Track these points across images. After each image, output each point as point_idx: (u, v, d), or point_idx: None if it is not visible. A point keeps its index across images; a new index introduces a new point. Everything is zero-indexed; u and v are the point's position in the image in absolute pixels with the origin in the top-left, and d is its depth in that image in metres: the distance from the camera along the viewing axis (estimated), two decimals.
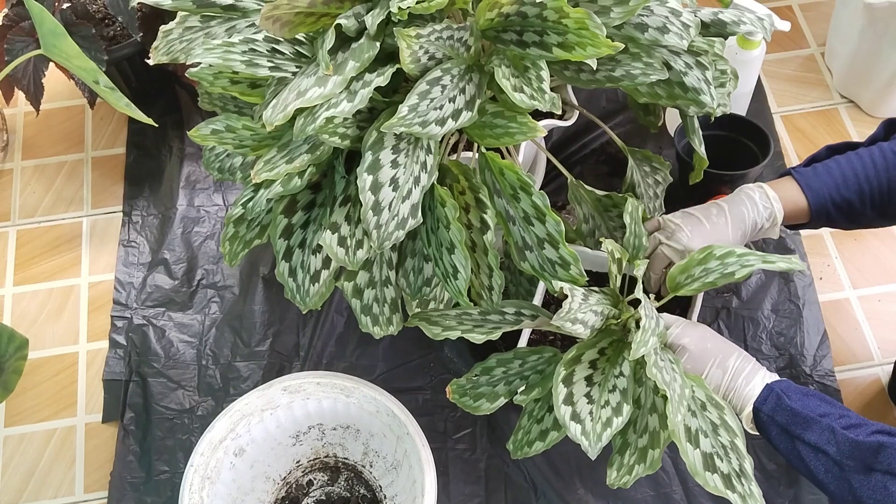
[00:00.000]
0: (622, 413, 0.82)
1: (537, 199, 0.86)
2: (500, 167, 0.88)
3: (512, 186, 0.88)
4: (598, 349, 0.88)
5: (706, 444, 0.82)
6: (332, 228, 0.88)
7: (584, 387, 0.84)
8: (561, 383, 0.83)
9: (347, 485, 1.11)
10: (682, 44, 0.88)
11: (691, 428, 0.82)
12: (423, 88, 0.80)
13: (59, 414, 1.20)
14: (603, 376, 0.86)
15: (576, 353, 0.86)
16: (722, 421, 0.83)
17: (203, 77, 0.88)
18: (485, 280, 0.90)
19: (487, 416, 1.16)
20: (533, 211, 0.87)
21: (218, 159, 1.04)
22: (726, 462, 0.81)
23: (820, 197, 0.97)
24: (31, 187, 1.41)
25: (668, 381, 0.80)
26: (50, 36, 0.92)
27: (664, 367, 0.82)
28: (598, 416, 0.82)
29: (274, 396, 1.04)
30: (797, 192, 0.98)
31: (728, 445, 0.82)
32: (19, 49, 1.19)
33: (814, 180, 0.98)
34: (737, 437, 0.82)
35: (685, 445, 0.81)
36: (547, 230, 0.87)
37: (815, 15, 1.54)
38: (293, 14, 0.80)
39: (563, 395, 0.82)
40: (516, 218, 0.89)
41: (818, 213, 0.97)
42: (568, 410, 0.82)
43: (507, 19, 0.83)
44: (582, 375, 0.85)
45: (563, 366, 0.84)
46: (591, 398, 0.84)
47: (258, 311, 1.26)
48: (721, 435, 0.82)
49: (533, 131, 0.84)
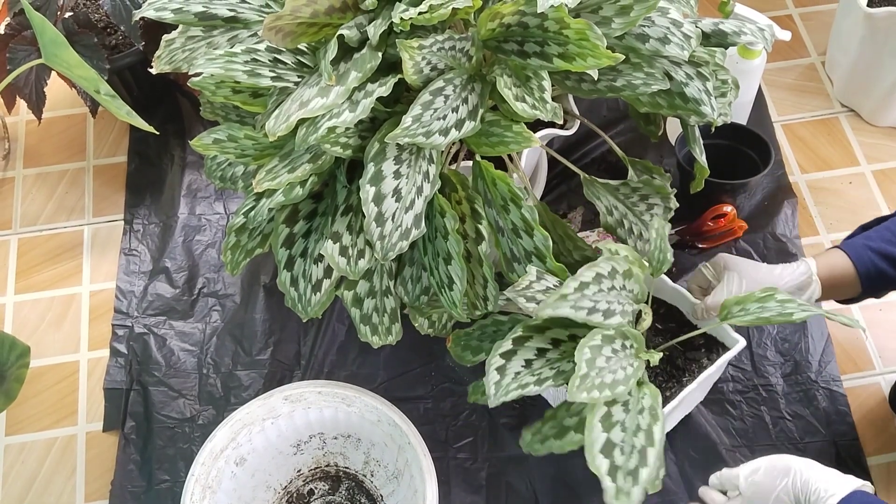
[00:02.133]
0: (545, 383, 0.83)
1: (526, 212, 0.87)
2: (493, 177, 0.88)
3: (503, 197, 0.88)
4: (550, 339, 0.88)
5: (617, 436, 0.79)
6: (333, 238, 0.88)
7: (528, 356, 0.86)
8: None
9: (348, 494, 1.11)
10: (683, 54, 0.88)
11: (613, 416, 0.80)
12: (426, 99, 0.81)
13: (60, 423, 1.20)
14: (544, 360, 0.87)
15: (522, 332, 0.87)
16: (648, 429, 0.81)
17: (205, 86, 0.88)
18: (479, 290, 0.90)
19: (488, 424, 1.16)
20: (521, 224, 0.87)
21: (220, 168, 1.04)
22: (625, 458, 0.79)
23: (861, 254, 0.96)
24: (32, 196, 1.41)
25: (609, 382, 0.80)
26: (51, 45, 0.93)
27: (614, 364, 0.82)
28: (522, 381, 0.83)
29: (275, 405, 1.04)
30: (841, 255, 0.98)
31: (638, 448, 0.79)
32: (21, 58, 1.20)
33: (854, 240, 0.99)
34: (651, 448, 0.80)
35: (595, 424, 0.79)
36: (534, 244, 0.87)
37: (815, 24, 1.55)
38: (295, 24, 0.81)
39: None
40: (505, 229, 0.90)
41: (866, 272, 0.96)
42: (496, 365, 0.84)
43: (508, 30, 0.83)
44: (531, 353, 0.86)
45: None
46: (530, 366, 0.85)
47: (259, 320, 1.25)
48: (638, 437, 0.80)
49: (527, 141, 0.84)
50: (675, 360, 1.02)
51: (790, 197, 1.33)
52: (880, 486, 1.11)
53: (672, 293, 1.03)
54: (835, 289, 0.99)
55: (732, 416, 1.15)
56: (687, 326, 1.03)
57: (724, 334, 1.00)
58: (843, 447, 1.13)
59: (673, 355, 1.02)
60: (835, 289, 0.99)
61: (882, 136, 1.41)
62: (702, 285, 1.03)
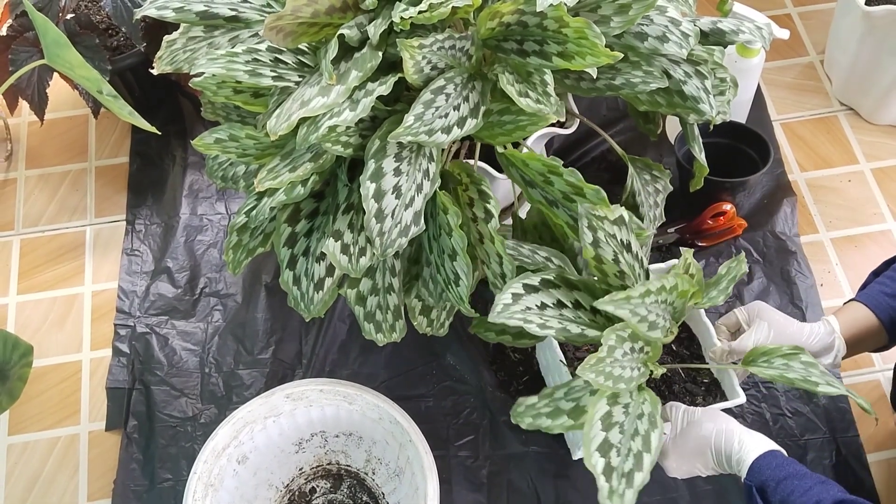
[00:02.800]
0: (546, 331, 0.83)
1: (569, 177, 0.87)
2: (523, 159, 0.88)
3: (541, 173, 0.89)
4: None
5: (615, 437, 0.80)
6: (335, 236, 0.88)
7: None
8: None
9: (350, 492, 1.12)
10: (681, 53, 0.88)
11: (613, 417, 0.81)
12: (427, 98, 0.81)
13: (63, 422, 1.21)
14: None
15: None
16: (646, 435, 0.81)
17: (206, 87, 0.89)
18: (496, 268, 0.90)
19: (489, 422, 1.16)
20: (569, 188, 0.88)
21: (221, 168, 1.05)
22: (621, 459, 0.79)
23: (881, 302, 0.96)
24: (34, 196, 1.41)
25: (616, 375, 0.80)
26: (54, 46, 0.93)
27: (625, 363, 0.82)
28: (528, 316, 0.83)
29: (277, 404, 1.04)
30: (861, 307, 0.98)
31: (634, 452, 0.80)
32: (23, 59, 1.20)
33: (871, 290, 0.98)
34: (647, 454, 0.80)
35: (595, 421, 0.79)
36: (590, 202, 0.87)
37: (814, 23, 1.55)
38: (296, 24, 0.81)
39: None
40: (556, 201, 0.90)
41: (890, 320, 0.96)
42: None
43: (507, 29, 0.84)
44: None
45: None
46: (543, 309, 0.85)
47: (261, 319, 1.26)
48: (635, 441, 0.81)
49: (543, 119, 0.84)
50: (672, 385, 1.02)
51: (789, 195, 1.34)
52: (880, 483, 1.12)
53: (700, 324, 1.04)
54: (861, 343, 0.99)
55: (733, 414, 1.15)
56: (698, 359, 1.04)
57: (729, 384, 1.00)
58: (844, 444, 1.13)
59: (673, 380, 1.02)
60: (861, 343, 0.99)
61: (881, 135, 1.42)
62: (730, 328, 1.03)
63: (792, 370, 0.89)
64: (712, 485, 1.11)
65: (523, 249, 0.94)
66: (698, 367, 0.99)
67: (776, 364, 0.90)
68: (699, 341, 1.05)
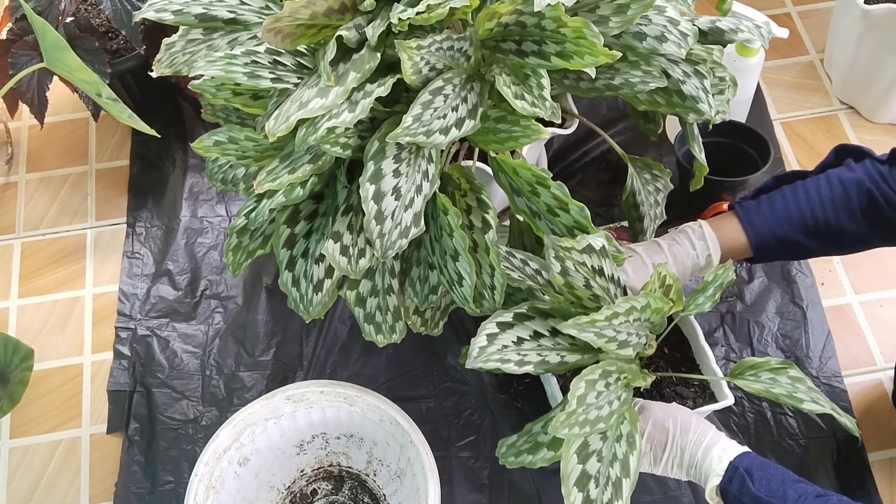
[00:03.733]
0: (525, 367, 0.83)
1: (556, 190, 0.87)
2: (513, 167, 0.88)
3: (528, 183, 0.89)
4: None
5: (593, 467, 0.80)
6: (334, 238, 0.88)
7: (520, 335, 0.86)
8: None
9: (351, 494, 1.12)
10: (680, 52, 0.88)
11: (590, 446, 0.81)
12: (425, 98, 0.81)
13: (64, 425, 1.21)
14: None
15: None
16: (625, 459, 0.81)
17: (206, 89, 0.89)
18: (486, 280, 0.90)
19: (490, 423, 1.16)
20: (554, 202, 0.88)
21: (221, 170, 1.05)
22: (599, 490, 0.79)
23: (761, 233, 0.98)
24: (35, 200, 1.41)
25: (593, 419, 0.80)
26: (53, 49, 0.93)
27: (602, 401, 0.82)
28: (505, 356, 0.84)
29: (278, 405, 1.04)
30: (738, 228, 0.99)
31: (613, 480, 0.80)
32: (23, 63, 1.20)
33: (756, 216, 0.99)
34: (626, 479, 0.80)
35: (571, 456, 0.79)
36: (573, 218, 0.88)
37: (813, 22, 1.55)
38: (295, 26, 0.81)
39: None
40: (541, 212, 0.90)
41: (760, 248, 0.98)
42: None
43: (506, 29, 0.84)
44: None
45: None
46: (520, 344, 0.85)
47: (261, 321, 1.26)
48: (614, 468, 0.81)
49: (537, 133, 0.84)
50: (663, 388, 1.02)
51: None
52: (882, 482, 1.11)
53: (689, 327, 1.04)
54: (727, 256, 1.01)
55: (734, 413, 1.15)
56: (689, 362, 1.04)
57: (718, 387, 1.01)
58: (845, 443, 1.13)
59: (663, 383, 1.02)
60: (727, 256, 1.01)
61: (881, 133, 1.42)
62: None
63: (778, 385, 0.90)
64: None
65: (514, 259, 0.94)
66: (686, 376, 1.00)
67: (763, 378, 0.91)
68: (689, 343, 1.05)
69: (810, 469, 1.11)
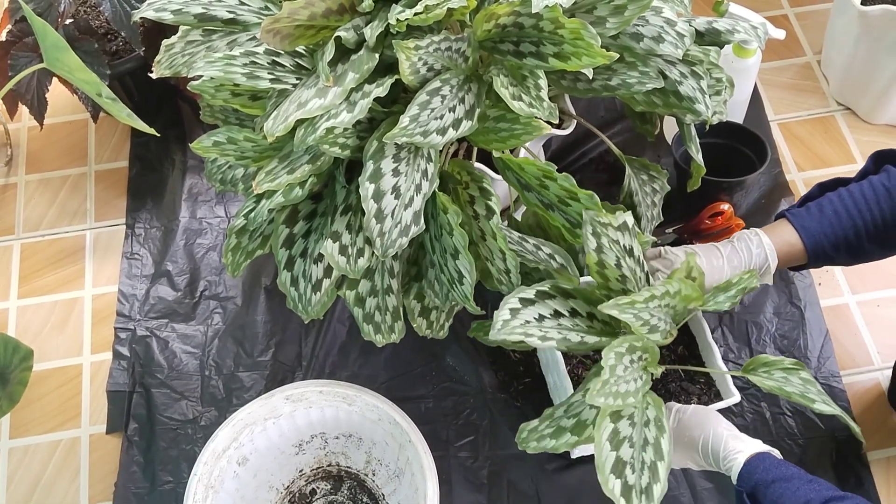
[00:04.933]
0: (546, 342, 0.84)
1: (563, 181, 0.88)
2: (519, 164, 0.89)
3: (536, 178, 0.89)
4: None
5: (626, 453, 0.80)
6: (333, 237, 0.89)
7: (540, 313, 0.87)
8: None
9: (350, 493, 1.12)
10: (677, 53, 0.89)
11: (621, 433, 0.80)
12: (423, 99, 0.82)
13: (64, 425, 1.21)
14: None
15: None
16: (656, 442, 0.81)
17: (205, 90, 0.89)
18: (500, 265, 0.90)
19: (490, 423, 1.16)
20: (564, 193, 0.89)
21: (220, 171, 1.05)
22: (636, 476, 0.79)
23: (815, 236, 0.98)
24: (34, 201, 1.42)
25: (623, 392, 0.80)
26: (53, 50, 0.94)
27: (628, 378, 0.82)
28: (528, 330, 0.84)
29: (277, 405, 1.05)
30: (793, 234, 0.99)
31: (648, 464, 0.80)
32: (23, 64, 1.21)
33: (808, 220, 0.99)
34: (661, 462, 0.80)
35: (604, 444, 0.79)
36: (584, 206, 0.88)
37: (810, 23, 1.56)
38: (293, 27, 0.81)
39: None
40: (552, 204, 0.90)
41: (815, 252, 0.99)
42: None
43: (504, 30, 0.84)
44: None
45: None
46: (541, 321, 0.86)
47: (260, 322, 1.26)
48: (647, 452, 0.80)
49: (538, 129, 0.85)
50: (669, 382, 1.02)
51: (787, 195, 1.34)
52: (880, 481, 1.12)
53: (697, 324, 1.04)
54: (783, 263, 1.02)
55: (733, 413, 1.15)
56: (695, 358, 1.04)
57: (724, 383, 1.01)
58: (843, 442, 1.13)
59: (669, 379, 1.02)
60: (783, 263, 1.02)
61: (878, 134, 1.42)
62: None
63: (790, 384, 0.90)
64: (713, 482, 1.11)
65: (527, 244, 0.94)
66: (695, 369, 1.00)
67: (776, 376, 0.91)
68: (696, 340, 1.05)
69: (809, 468, 1.09)
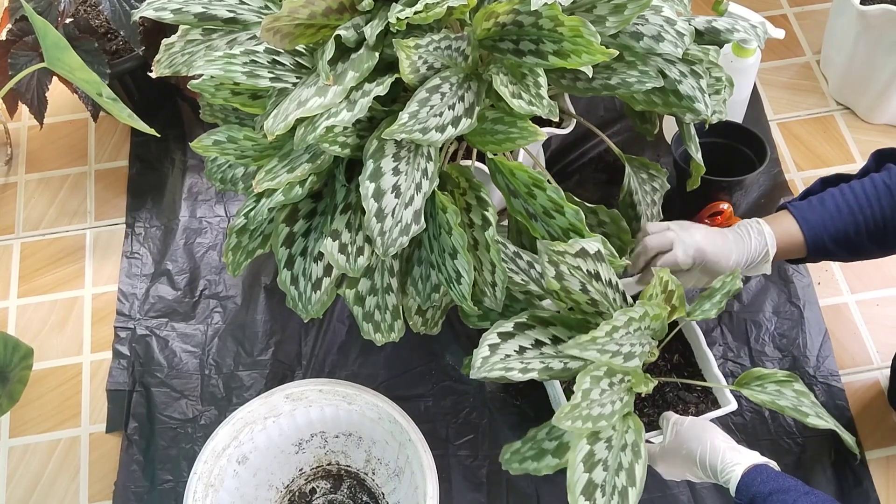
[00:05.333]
0: (528, 374, 0.84)
1: (552, 193, 0.87)
2: (510, 168, 0.89)
3: (525, 185, 0.89)
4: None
5: (599, 476, 0.80)
6: (333, 236, 0.89)
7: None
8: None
9: (350, 492, 1.12)
10: (676, 52, 0.89)
11: (595, 455, 0.81)
12: (422, 96, 0.82)
13: (63, 424, 1.21)
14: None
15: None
16: (630, 468, 0.81)
17: (205, 88, 0.89)
18: (487, 277, 0.90)
19: (489, 421, 1.16)
20: (550, 205, 0.88)
21: (220, 170, 1.05)
22: (606, 499, 0.79)
23: (815, 229, 0.98)
24: (34, 200, 1.42)
25: (595, 415, 0.80)
26: (53, 49, 0.94)
27: (605, 399, 0.82)
28: (508, 364, 0.84)
29: (276, 404, 1.05)
30: (793, 224, 0.99)
31: (619, 489, 0.80)
32: (23, 63, 1.21)
33: (809, 213, 0.99)
34: (632, 489, 0.80)
35: (577, 464, 0.79)
36: (568, 220, 0.88)
37: (809, 23, 1.56)
38: (293, 26, 0.82)
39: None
40: (537, 214, 0.90)
41: (815, 245, 0.99)
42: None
43: (503, 29, 0.84)
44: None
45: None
46: (522, 353, 0.86)
47: (260, 321, 1.26)
48: (619, 477, 0.81)
49: (533, 135, 0.85)
50: (666, 392, 1.03)
51: (786, 194, 1.34)
52: (879, 479, 1.12)
53: (692, 332, 1.04)
54: (782, 254, 1.01)
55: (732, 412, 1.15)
56: (691, 367, 1.04)
57: (721, 392, 1.01)
58: (842, 442, 1.13)
59: (665, 387, 1.03)
60: (782, 254, 1.01)
61: (877, 133, 1.42)
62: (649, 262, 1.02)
63: (784, 397, 0.91)
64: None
65: (521, 261, 0.94)
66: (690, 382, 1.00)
67: (769, 389, 0.92)
68: (691, 348, 1.05)
69: (807, 467, 1.12)
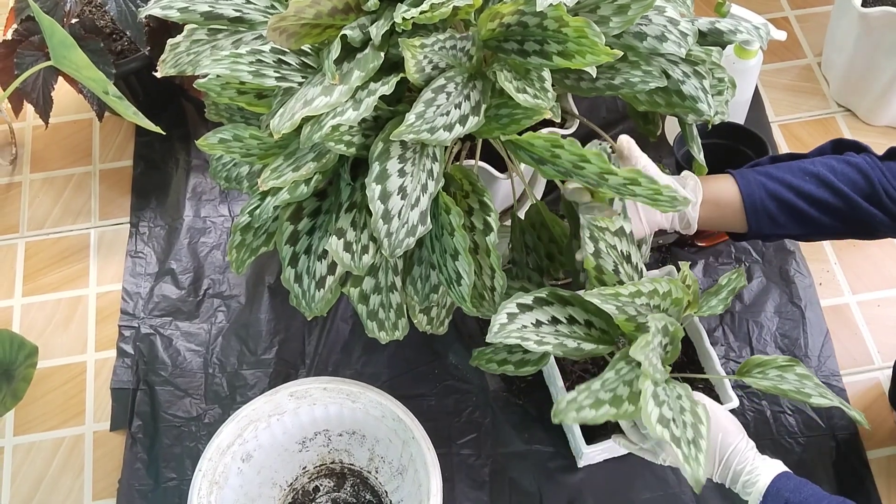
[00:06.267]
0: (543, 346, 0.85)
1: (570, 147, 0.85)
2: (528, 140, 0.86)
3: (546, 149, 0.86)
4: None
5: (667, 412, 0.79)
6: (337, 234, 0.89)
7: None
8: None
9: (353, 490, 1.12)
10: (679, 52, 0.89)
11: (660, 396, 0.80)
12: (428, 96, 0.82)
13: (68, 423, 1.22)
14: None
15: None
16: (692, 410, 0.81)
17: (210, 88, 0.90)
18: (487, 281, 0.91)
19: (492, 421, 1.17)
20: (575, 157, 0.85)
21: (225, 168, 1.06)
22: (681, 430, 0.78)
23: (752, 185, 0.95)
24: (39, 199, 1.42)
25: (654, 362, 0.80)
26: (60, 47, 0.94)
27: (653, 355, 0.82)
28: (524, 334, 0.85)
29: (281, 402, 1.05)
30: (729, 182, 0.97)
31: (690, 424, 0.79)
32: (29, 63, 1.21)
33: (749, 173, 0.97)
34: (702, 425, 0.79)
35: (648, 399, 0.78)
36: (597, 166, 0.84)
37: (811, 25, 1.56)
38: (299, 25, 0.82)
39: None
40: (569, 171, 0.86)
41: (751, 201, 0.95)
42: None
43: (508, 29, 0.85)
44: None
45: None
46: (538, 326, 0.86)
47: (264, 320, 1.27)
48: (685, 415, 0.80)
49: (537, 112, 0.84)
50: None
51: None
52: (880, 480, 1.12)
53: (694, 330, 1.04)
54: (719, 218, 0.98)
55: (733, 411, 1.16)
56: (694, 364, 1.04)
57: (723, 388, 1.01)
58: (843, 441, 1.14)
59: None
60: (719, 218, 0.98)
61: (878, 136, 1.43)
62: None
63: (786, 381, 0.90)
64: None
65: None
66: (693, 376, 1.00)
67: (770, 375, 0.91)
68: (694, 346, 1.05)
69: (809, 467, 1.12)
